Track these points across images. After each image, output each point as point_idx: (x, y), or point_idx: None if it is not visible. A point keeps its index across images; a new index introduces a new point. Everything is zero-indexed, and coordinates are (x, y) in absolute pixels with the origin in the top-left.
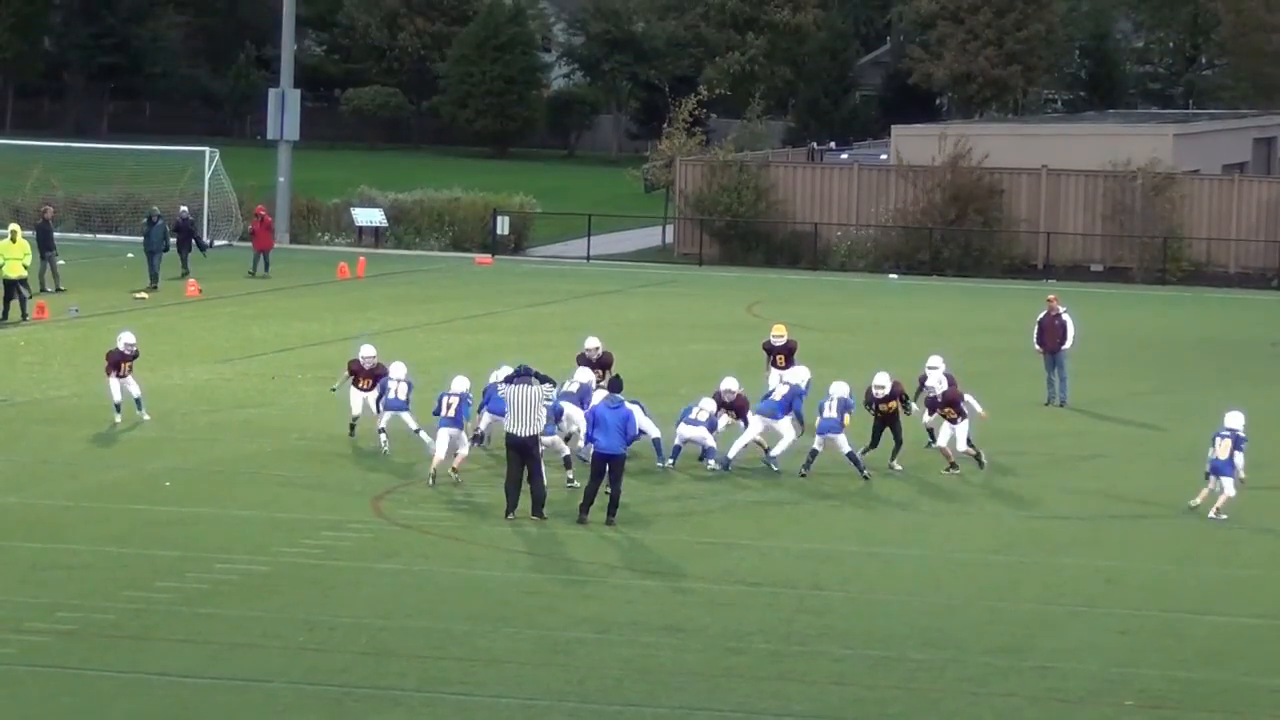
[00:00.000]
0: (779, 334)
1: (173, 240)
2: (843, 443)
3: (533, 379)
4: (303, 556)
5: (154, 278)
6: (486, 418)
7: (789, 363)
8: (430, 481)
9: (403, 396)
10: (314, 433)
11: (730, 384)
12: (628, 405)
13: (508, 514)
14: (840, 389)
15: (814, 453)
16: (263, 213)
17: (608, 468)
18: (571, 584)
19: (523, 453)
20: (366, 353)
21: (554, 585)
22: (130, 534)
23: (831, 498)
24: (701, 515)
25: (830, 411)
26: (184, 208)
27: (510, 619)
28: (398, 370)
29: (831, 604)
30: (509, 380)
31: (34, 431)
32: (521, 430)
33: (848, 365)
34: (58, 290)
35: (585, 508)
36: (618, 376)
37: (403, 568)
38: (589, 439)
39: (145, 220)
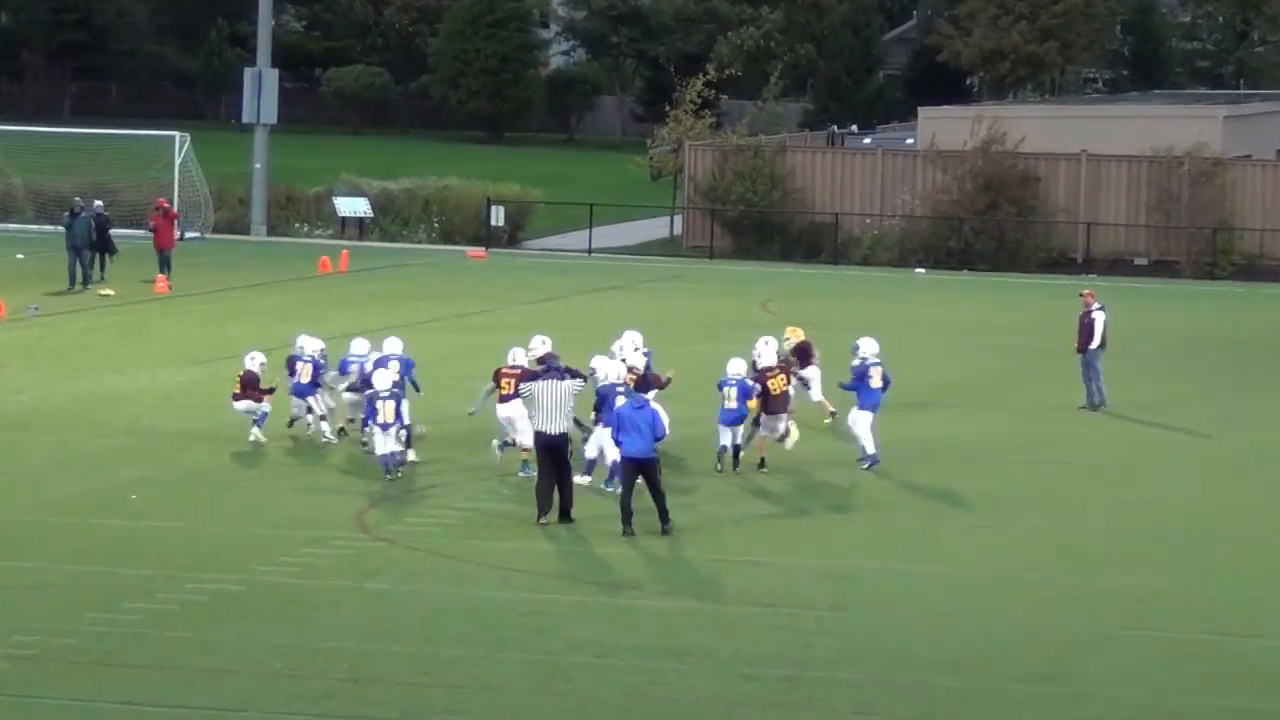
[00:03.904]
0: (789, 337)
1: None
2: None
3: (563, 374)
4: (280, 575)
5: (74, 278)
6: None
7: (805, 363)
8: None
9: (306, 380)
10: (293, 442)
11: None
12: (653, 405)
13: (539, 518)
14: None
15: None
16: (165, 205)
17: (640, 473)
18: (571, 604)
19: (553, 453)
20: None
21: (552, 605)
22: (94, 550)
23: (853, 511)
24: (714, 530)
25: (731, 402)
26: (98, 201)
27: (504, 642)
28: (311, 345)
29: (853, 625)
30: (536, 375)
31: None
32: (551, 428)
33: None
34: None
35: (627, 519)
36: (647, 375)
37: (388, 587)
38: (615, 442)
39: (67, 213)
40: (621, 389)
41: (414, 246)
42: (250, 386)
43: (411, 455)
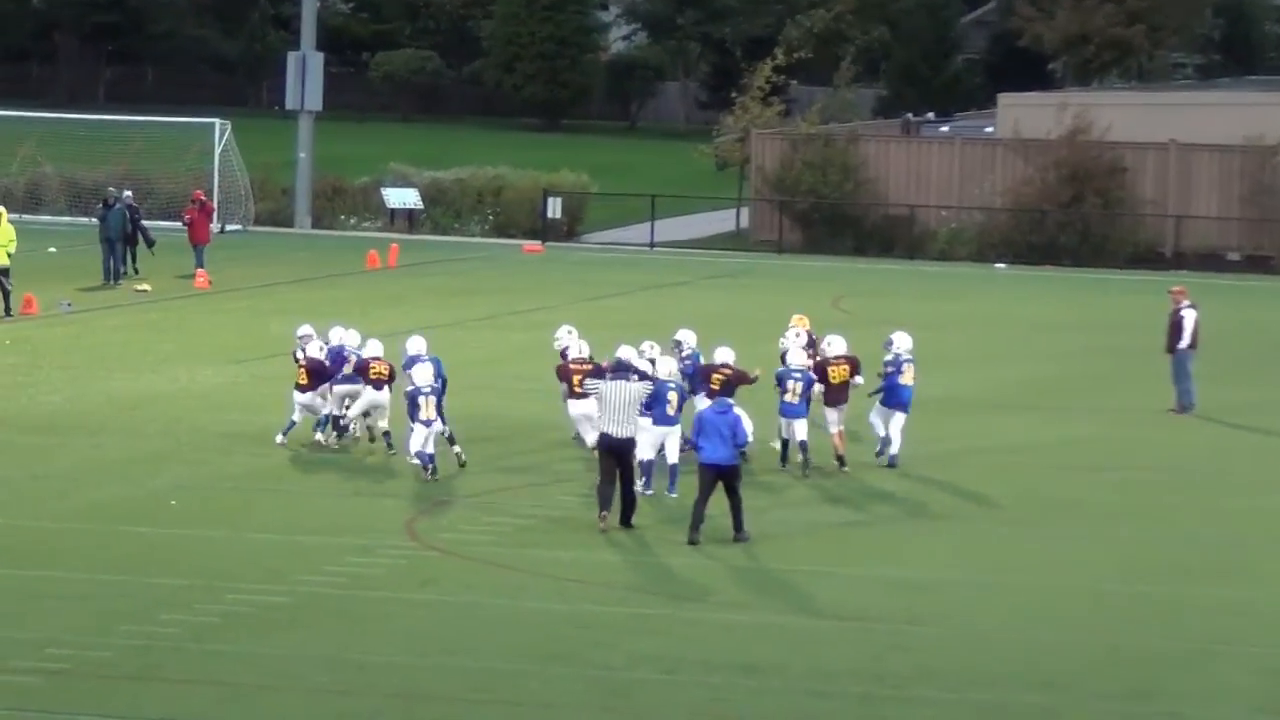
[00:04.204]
0: (795, 326)
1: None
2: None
3: (630, 374)
4: (326, 585)
5: (108, 273)
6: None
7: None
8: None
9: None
10: (340, 443)
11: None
12: (736, 409)
13: (600, 515)
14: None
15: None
16: (201, 197)
17: (719, 480)
18: (633, 617)
19: (619, 455)
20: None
21: (612, 618)
22: (130, 559)
23: (928, 519)
24: (782, 538)
25: (793, 395)
26: (127, 192)
27: (562, 657)
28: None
29: (928, 640)
30: (603, 373)
31: (20, 443)
32: (618, 430)
33: (946, 367)
34: None
35: (696, 526)
36: (729, 376)
37: (440, 598)
38: (695, 447)
39: (101, 204)
40: (672, 386)
41: (467, 240)
42: (317, 376)
43: (458, 450)
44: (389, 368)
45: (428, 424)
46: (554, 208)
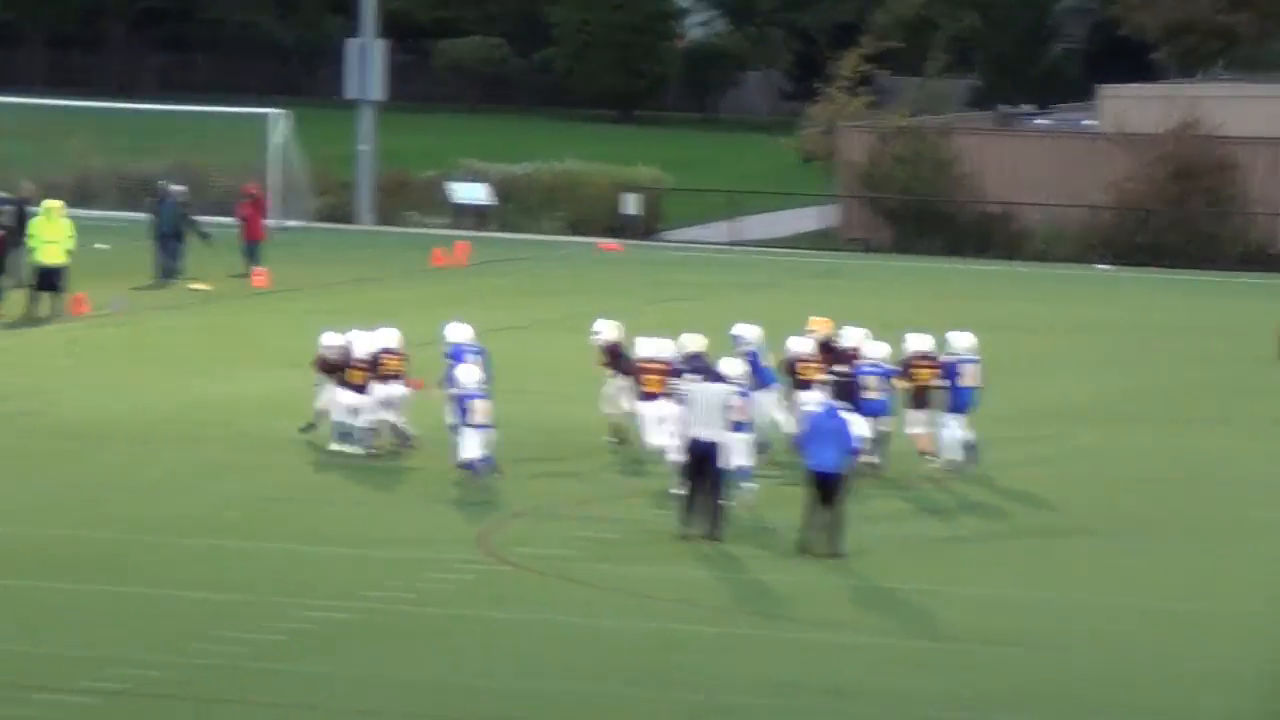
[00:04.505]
0: (814, 329)
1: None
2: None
3: (715, 376)
4: (394, 602)
5: (161, 270)
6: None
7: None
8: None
9: None
10: (410, 451)
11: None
12: (844, 413)
13: (683, 531)
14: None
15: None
16: (254, 191)
17: (826, 485)
18: (719, 637)
19: (704, 461)
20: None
21: (698, 638)
22: (187, 574)
23: (1031, 535)
24: (875, 553)
25: (871, 391)
26: (176, 186)
27: (644, 679)
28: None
29: (1027, 663)
30: (683, 374)
31: (68, 451)
32: (704, 435)
33: (1044, 374)
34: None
35: (812, 531)
36: (842, 379)
37: (513, 616)
38: (800, 450)
39: (153, 198)
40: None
41: (538, 238)
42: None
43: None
44: (401, 360)
45: (480, 429)
46: (630, 204)
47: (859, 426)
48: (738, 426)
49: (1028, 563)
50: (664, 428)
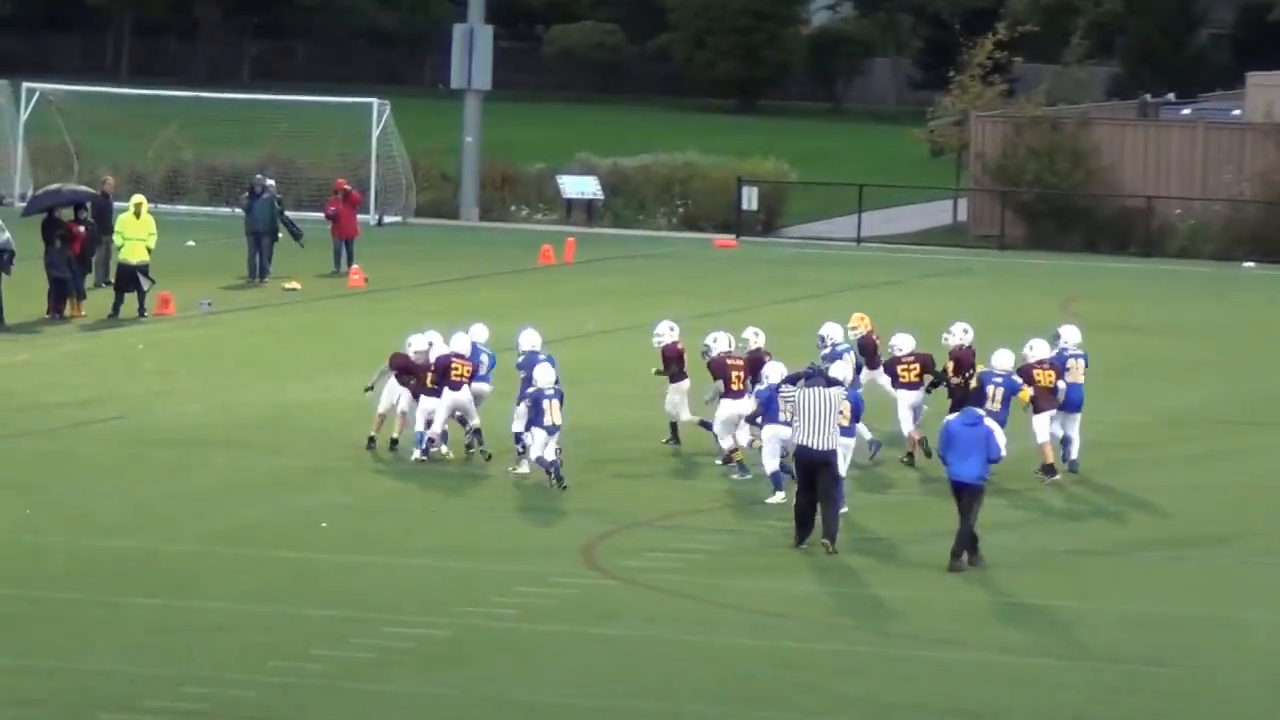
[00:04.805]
0: (856, 325)
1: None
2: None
3: (826, 381)
4: (494, 618)
5: (255, 270)
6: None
7: (870, 363)
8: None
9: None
10: (509, 459)
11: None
12: (987, 421)
13: (797, 543)
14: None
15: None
16: (345, 186)
17: (961, 497)
18: (835, 654)
19: (818, 471)
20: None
21: (814, 656)
22: (275, 588)
23: (1165, 546)
24: (1003, 567)
25: (994, 402)
26: (258, 175)
27: (760, 699)
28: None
29: (1169, 684)
30: (796, 380)
31: (155, 458)
32: (817, 443)
33: (1186, 378)
34: (106, 284)
35: (958, 552)
36: (968, 384)
37: (621, 633)
38: (943, 461)
39: (247, 193)
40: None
41: (652, 234)
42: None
43: (524, 468)
44: (472, 366)
45: (552, 431)
46: (749, 198)
47: (1000, 435)
48: (844, 431)
49: (1158, 575)
50: (740, 428)
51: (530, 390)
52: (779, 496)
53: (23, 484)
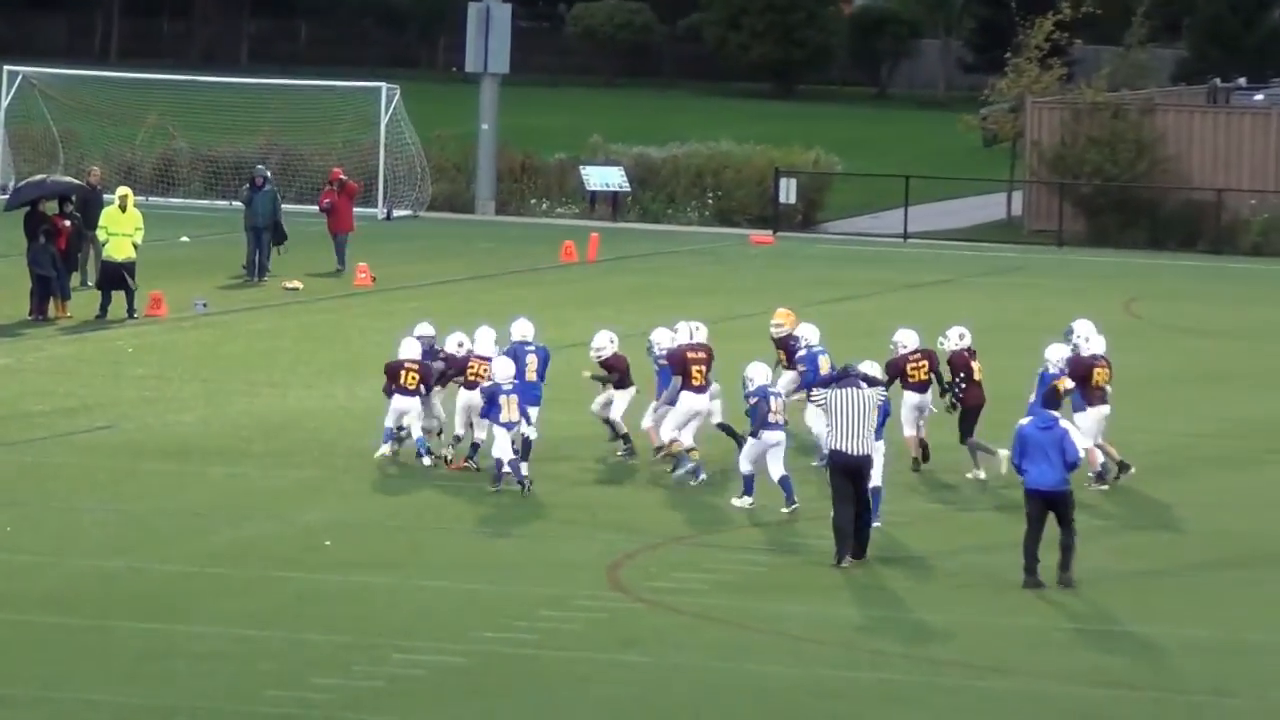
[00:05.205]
0: (779, 322)
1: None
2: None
3: (860, 381)
4: (513, 644)
5: (253, 267)
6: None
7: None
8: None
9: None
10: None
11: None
12: (1063, 422)
13: (838, 561)
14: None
15: None
16: (341, 177)
17: (1049, 510)
18: (879, 684)
19: (855, 477)
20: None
21: (855, 686)
22: (276, 611)
23: (1240, 566)
24: (1054, 589)
25: None
26: (259, 165)
27: None
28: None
29: (1238, 715)
30: (831, 383)
31: (146, 471)
32: (854, 447)
33: (1261, 386)
34: (88, 286)
35: (1032, 568)
36: (1055, 388)
37: (649, 660)
38: (1017, 469)
39: (246, 185)
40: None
41: (682, 229)
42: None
43: (525, 469)
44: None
45: (509, 426)
46: (788, 190)
47: (1078, 437)
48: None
49: (1226, 597)
50: (690, 424)
51: (486, 385)
52: (747, 501)
53: (3, 499)
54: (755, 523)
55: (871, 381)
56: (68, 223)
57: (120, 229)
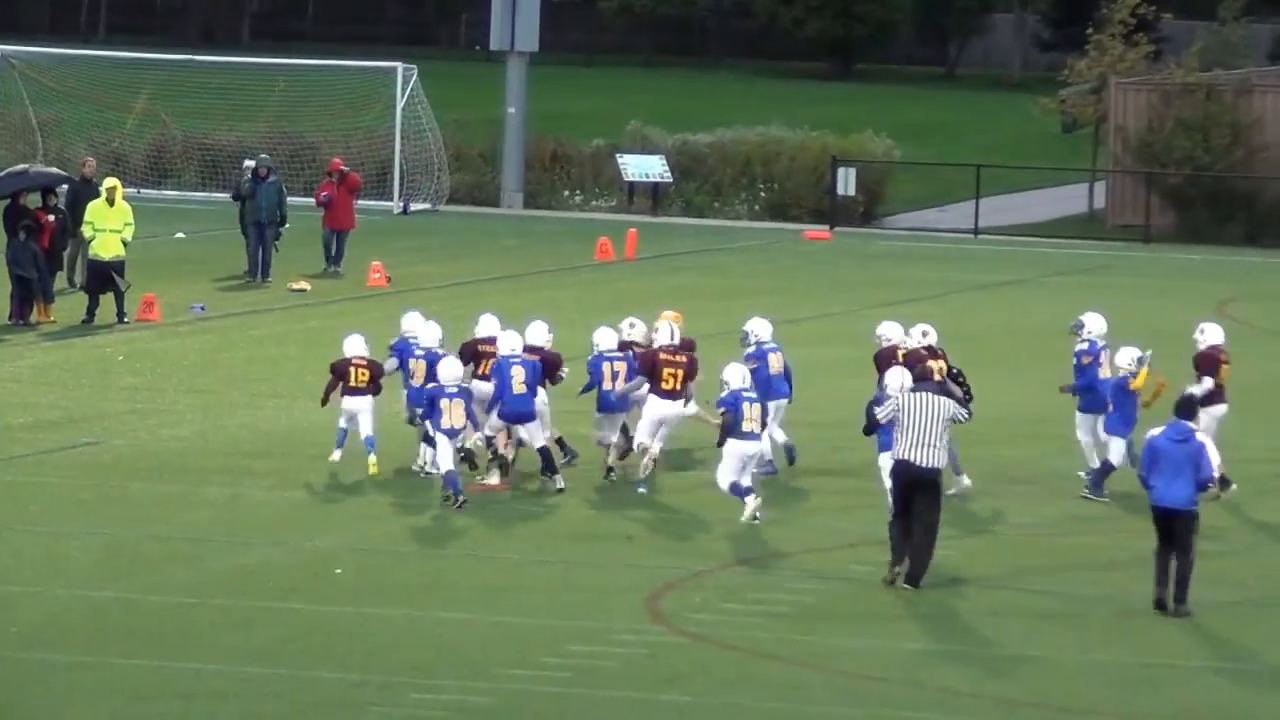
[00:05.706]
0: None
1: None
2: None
3: (938, 388)
4: (543, 682)
5: (256, 267)
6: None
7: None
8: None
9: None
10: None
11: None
12: (1199, 435)
13: (891, 576)
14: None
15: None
16: (341, 168)
17: (1171, 527)
18: None
19: (923, 491)
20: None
21: None
22: (281, 646)
23: None
24: (1141, 618)
25: None
26: (263, 155)
27: None
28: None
29: None
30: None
31: (138, 492)
32: (922, 458)
33: None
34: (73, 287)
35: (1162, 582)
36: (1191, 396)
37: (692, 699)
38: (1144, 484)
39: (247, 177)
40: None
41: (729, 224)
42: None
43: (560, 482)
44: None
45: (450, 434)
46: (846, 181)
47: (1214, 452)
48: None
49: None
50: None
51: (429, 386)
52: (752, 502)
53: None
54: (809, 547)
55: (947, 391)
56: (52, 218)
57: (108, 224)
